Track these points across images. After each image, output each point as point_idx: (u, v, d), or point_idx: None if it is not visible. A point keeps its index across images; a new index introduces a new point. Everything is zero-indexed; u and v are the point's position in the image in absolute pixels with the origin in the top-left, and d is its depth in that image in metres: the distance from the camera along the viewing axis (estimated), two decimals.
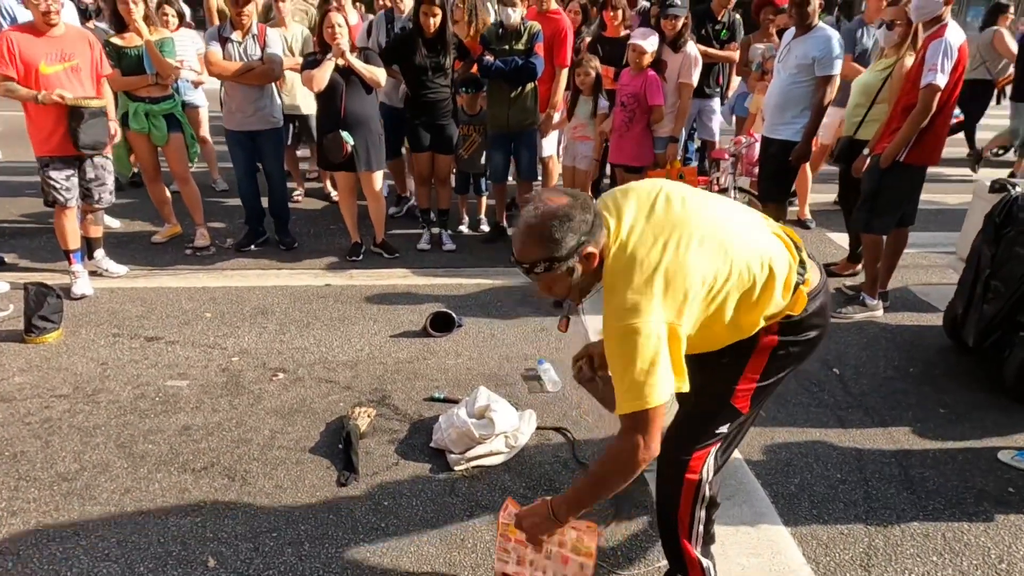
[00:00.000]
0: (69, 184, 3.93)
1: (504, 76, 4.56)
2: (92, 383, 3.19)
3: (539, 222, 1.57)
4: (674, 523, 1.90)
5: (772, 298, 1.66)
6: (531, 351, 3.57)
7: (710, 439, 1.82)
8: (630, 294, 1.53)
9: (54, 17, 3.69)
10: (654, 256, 1.54)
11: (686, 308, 1.55)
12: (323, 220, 5.55)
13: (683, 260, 1.54)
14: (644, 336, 1.51)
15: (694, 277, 1.55)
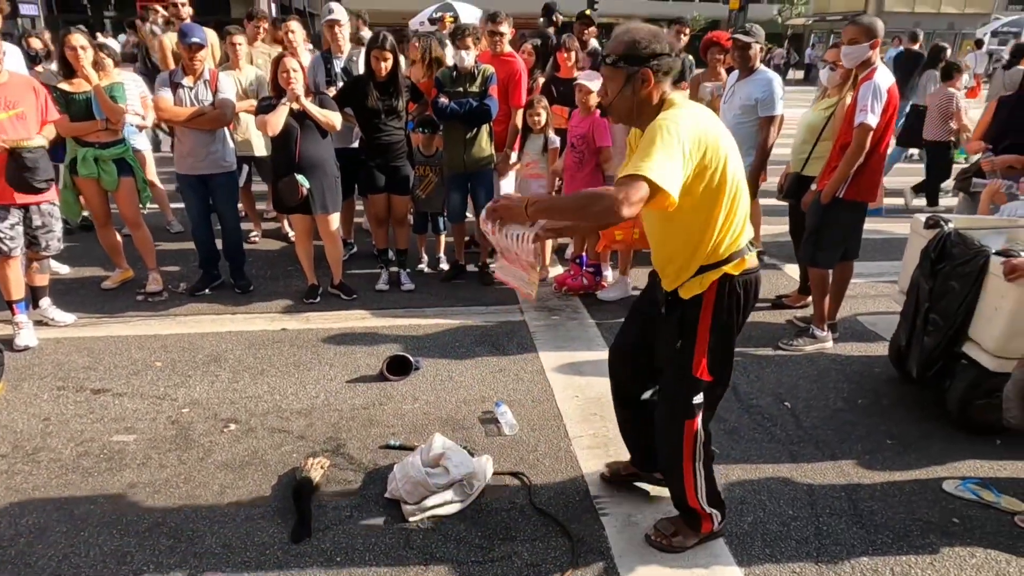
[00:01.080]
0: (14, 233, 3.84)
1: (459, 117, 4.61)
2: (33, 441, 3.08)
3: (642, 31, 2.01)
4: (680, 478, 2.36)
5: (731, 227, 2.09)
6: (489, 393, 3.56)
7: (693, 412, 2.27)
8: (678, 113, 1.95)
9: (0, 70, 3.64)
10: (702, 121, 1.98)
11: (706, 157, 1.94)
12: (280, 262, 5.50)
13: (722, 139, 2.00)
14: (673, 134, 1.87)
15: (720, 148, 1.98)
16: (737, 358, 3.90)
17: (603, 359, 3.85)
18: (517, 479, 2.87)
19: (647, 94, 2.02)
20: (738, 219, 2.11)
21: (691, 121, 1.94)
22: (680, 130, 1.88)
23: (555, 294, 4.92)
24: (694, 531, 2.47)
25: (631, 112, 2.08)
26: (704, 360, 2.22)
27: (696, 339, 2.20)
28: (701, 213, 2.05)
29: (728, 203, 2.05)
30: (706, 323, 2.19)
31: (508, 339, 4.20)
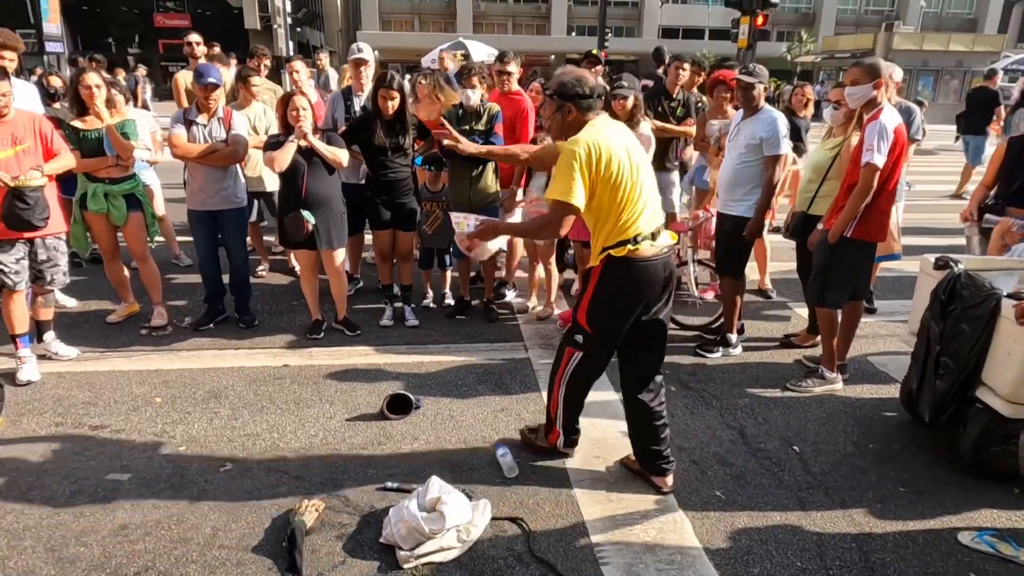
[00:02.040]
0: (18, 267, 3.87)
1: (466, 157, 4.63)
2: (27, 479, 3.04)
3: (574, 75, 2.74)
4: (550, 390, 3.11)
5: (622, 220, 2.68)
6: (490, 434, 3.50)
7: (573, 343, 2.96)
8: (585, 137, 2.62)
9: (4, 111, 3.71)
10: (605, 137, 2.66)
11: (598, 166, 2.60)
12: (285, 296, 5.50)
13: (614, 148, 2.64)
14: (577, 159, 2.58)
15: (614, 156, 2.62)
16: (744, 399, 3.87)
17: (607, 400, 3.84)
18: (516, 525, 2.79)
19: (572, 120, 2.76)
20: (627, 213, 2.69)
21: (590, 140, 2.62)
22: (581, 154, 2.59)
23: (560, 331, 4.87)
24: (546, 437, 3.24)
25: (561, 131, 2.81)
26: (586, 309, 2.88)
27: (586, 293, 2.88)
28: (602, 208, 2.69)
29: (616, 200, 2.66)
30: (593, 284, 2.85)
31: (511, 377, 4.14)
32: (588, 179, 2.60)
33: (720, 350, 4.52)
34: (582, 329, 2.91)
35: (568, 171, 2.59)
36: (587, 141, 2.60)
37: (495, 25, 45.69)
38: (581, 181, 2.59)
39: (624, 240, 2.69)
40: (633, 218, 2.69)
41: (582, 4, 45.41)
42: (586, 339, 2.92)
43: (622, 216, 2.68)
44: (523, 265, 5.73)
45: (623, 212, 2.67)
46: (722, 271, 4.54)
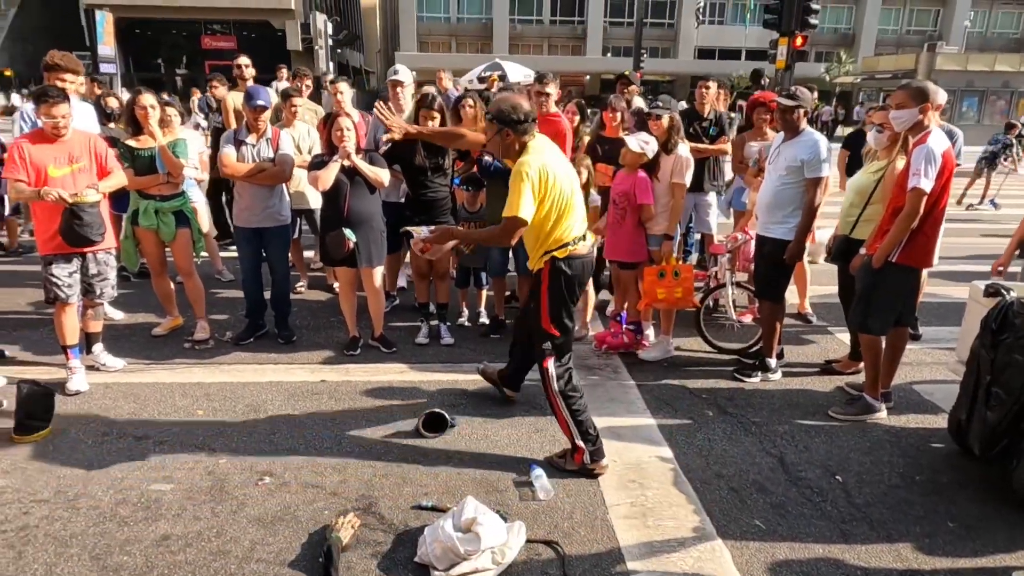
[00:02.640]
0: (71, 281, 4.01)
1: (502, 176, 4.67)
2: (74, 487, 3.13)
3: (510, 103, 3.12)
4: (555, 414, 3.34)
5: (562, 227, 3.13)
6: (524, 454, 3.48)
7: (544, 354, 3.26)
8: (531, 159, 3.03)
9: (63, 131, 3.88)
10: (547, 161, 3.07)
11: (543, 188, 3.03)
12: (323, 313, 5.59)
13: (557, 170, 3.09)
14: (527, 179, 2.98)
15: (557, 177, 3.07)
16: (783, 426, 3.80)
17: (643, 424, 3.81)
18: (551, 548, 2.77)
19: (510, 143, 3.14)
20: (566, 221, 3.14)
21: (538, 164, 3.03)
22: (531, 172, 3.00)
23: (594, 352, 4.85)
24: (573, 459, 3.33)
25: (500, 151, 3.24)
26: (548, 315, 3.21)
27: (540, 301, 3.22)
28: (548, 219, 3.11)
29: (557, 212, 3.10)
30: (545, 290, 3.19)
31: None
32: (537, 197, 3.04)
33: (758, 374, 4.45)
34: (549, 335, 3.26)
35: (521, 190, 3.00)
36: (537, 166, 3.02)
37: (531, 46, 46.17)
38: (532, 199, 3.03)
39: (565, 243, 3.16)
40: (571, 224, 3.17)
41: (618, 25, 45.62)
42: (554, 342, 3.26)
43: (562, 223, 3.15)
44: None
45: (563, 220, 3.15)
46: (761, 294, 4.47)
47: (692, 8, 41.43)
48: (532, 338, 3.37)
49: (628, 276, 4.86)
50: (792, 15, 14.84)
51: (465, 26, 46.65)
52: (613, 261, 4.95)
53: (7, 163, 3.85)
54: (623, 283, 4.94)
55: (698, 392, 4.28)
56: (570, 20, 46.46)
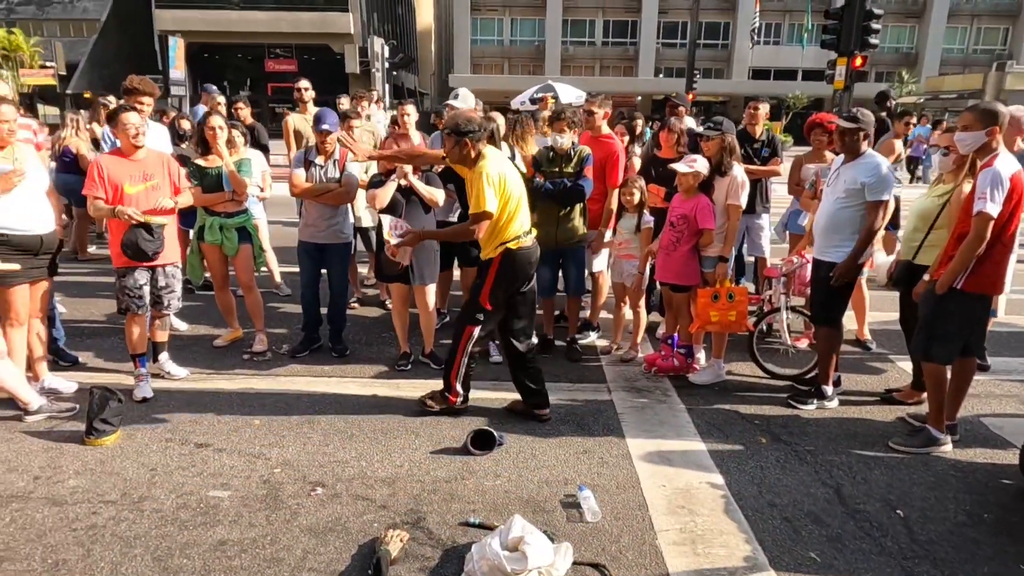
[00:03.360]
0: (142, 293, 4.21)
1: (552, 197, 4.73)
2: (139, 489, 3.27)
3: (464, 117, 3.72)
4: (451, 362, 3.97)
5: (514, 223, 3.76)
6: (572, 475, 3.47)
7: (475, 321, 3.88)
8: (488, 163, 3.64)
9: (141, 139, 4.11)
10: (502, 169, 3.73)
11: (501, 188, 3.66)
12: (376, 328, 5.70)
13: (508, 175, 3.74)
14: (488, 179, 3.60)
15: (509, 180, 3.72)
16: (840, 456, 3.69)
17: (694, 448, 3.75)
18: (598, 571, 2.74)
19: (467, 152, 3.68)
20: (517, 218, 3.77)
21: (496, 168, 3.66)
22: (491, 174, 3.62)
23: (644, 375, 4.80)
24: (444, 401, 4.05)
25: (458, 160, 3.76)
26: (489, 292, 3.84)
27: (486, 280, 3.84)
28: (503, 216, 3.71)
29: (510, 210, 3.73)
30: (494, 272, 3.82)
31: (594, 419, 4.11)
32: (498, 195, 3.62)
33: (814, 402, 4.33)
34: (483, 308, 3.86)
35: (484, 189, 3.58)
36: (496, 170, 3.66)
37: (582, 67, 46.45)
38: (494, 195, 3.61)
39: (517, 236, 3.77)
40: (519, 220, 3.79)
41: (670, 46, 45.52)
42: (485, 315, 3.88)
43: (514, 220, 3.76)
44: (608, 306, 5.72)
45: (514, 217, 3.75)
46: (818, 320, 4.36)
47: (746, 29, 41.05)
48: (463, 307, 4.07)
49: (680, 298, 4.81)
50: (851, 35, 14.54)
51: (518, 48, 47.30)
52: (665, 283, 4.92)
53: (87, 180, 4.10)
54: (675, 305, 4.89)
55: (750, 418, 4.19)
56: (622, 42, 46.59)
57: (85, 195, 4.11)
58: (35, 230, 3.95)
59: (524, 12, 46.33)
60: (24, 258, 3.88)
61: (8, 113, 3.82)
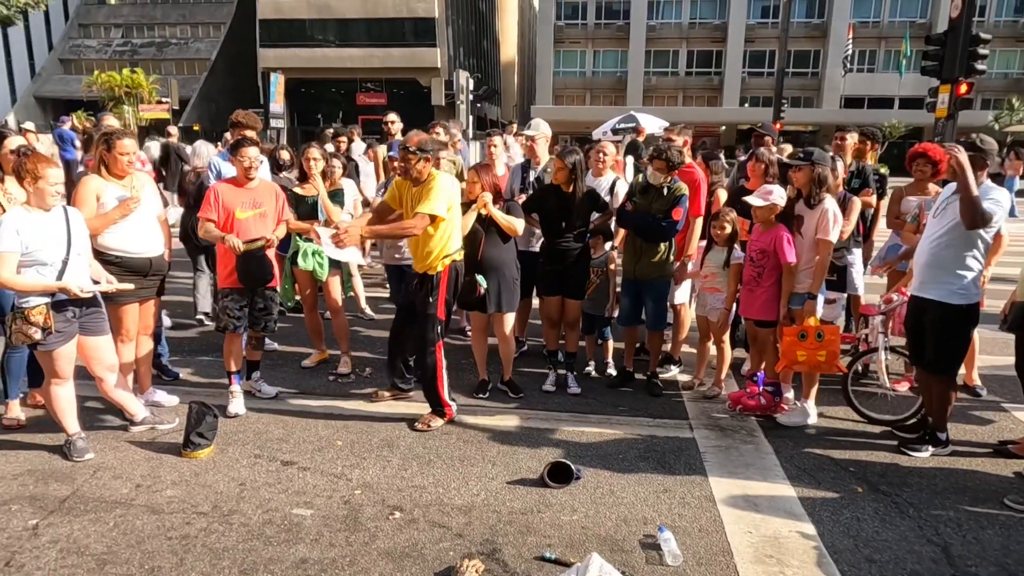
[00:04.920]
0: (241, 314, 4.44)
1: (636, 230, 4.69)
2: (229, 503, 3.41)
3: (423, 139, 4.15)
4: (434, 382, 4.30)
5: (455, 238, 4.25)
6: (651, 515, 3.36)
7: (439, 337, 4.28)
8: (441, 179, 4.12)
9: (253, 172, 4.37)
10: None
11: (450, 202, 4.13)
12: (454, 355, 5.74)
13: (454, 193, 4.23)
14: (440, 189, 4.05)
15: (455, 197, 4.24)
16: (948, 511, 3.41)
17: (783, 494, 3.56)
18: None
19: (422, 168, 4.10)
20: (457, 233, 4.26)
21: (449, 183, 4.17)
22: (442, 186, 4.09)
23: (729, 413, 4.62)
24: (442, 416, 4.35)
25: (418, 174, 4.11)
26: (443, 304, 4.25)
27: (438, 295, 4.20)
28: (448, 228, 4.17)
29: (453, 225, 4.20)
30: (443, 285, 4.21)
31: (675, 457, 3.98)
32: (447, 204, 4.09)
33: (929, 449, 4.01)
34: (440, 322, 4.27)
35: (439, 195, 4.04)
36: (448, 184, 4.16)
37: (665, 97, 46.20)
38: (445, 204, 4.06)
39: (457, 249, 4.27)
40: (458, 236, 4.28)
41: (757, 75, 44.64)
42: (442, 327, 4.31)
43: (455, 235, 4.24)
44: (691, 340, 5.57)
45: (455, 232, 4.24)
46: (936, 368, 4.04)
47: (839, 56, 39.72)
48: (422, 330, 4.29)
49: (766, 334, 4.62)
50: (955, 61, 13.77)
51: (600, 80, 47.64)
52: (748, 319, 4.74)
53: (203, 203, 4.39)
54: (760, 341, 4.71)
55: (844, 464, 3.95)
56: (706, 71, 46.10)
57: (199, 217, 4.40)
58: (146, 253, 4.25)
59: (607, 44, 46.72)
60: (135, 279, 4.17)
61: (129, 146, 4.16)
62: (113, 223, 4.06)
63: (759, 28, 44.27)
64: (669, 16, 45.80)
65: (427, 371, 4.29)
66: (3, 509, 3.31)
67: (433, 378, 4.28)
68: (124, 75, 41.10)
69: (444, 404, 4.33)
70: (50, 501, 3.38)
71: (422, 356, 4.32)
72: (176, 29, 58.73)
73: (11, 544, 3.03)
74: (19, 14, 30.43)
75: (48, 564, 2.90)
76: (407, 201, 4.21)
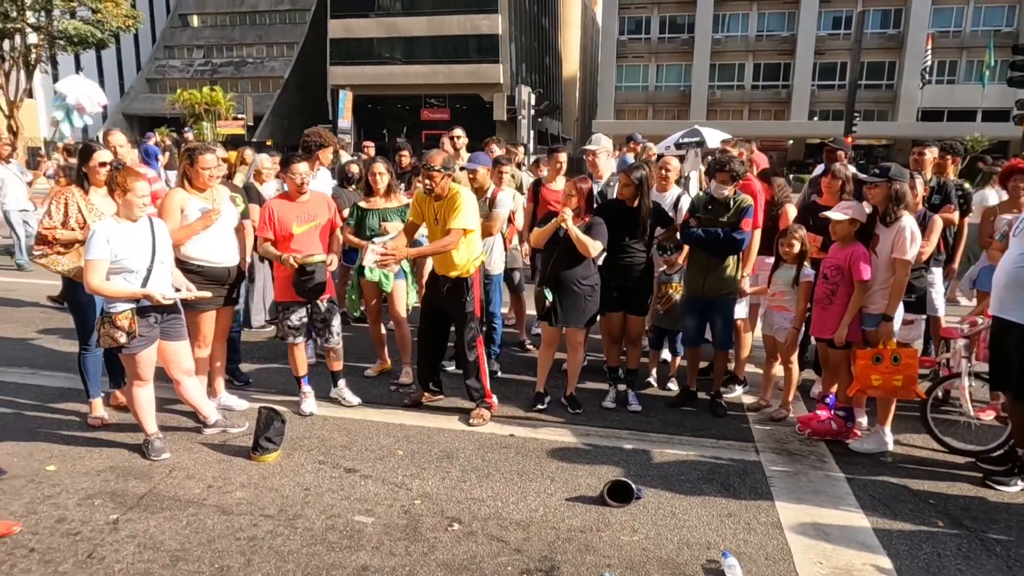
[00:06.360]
0: (299, 324, 4.60)
1: (702, 245, 4.60)
2: (294, 507, 3.50)
3: (443, 157, 4.37)
4: (478, 376, 4.63)
5: (479, 245, 4.59)
6: (715, 539, 3.26)
7: (477, 334, 4.60)
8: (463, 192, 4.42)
9: (306, 187, 4.54)
10: None
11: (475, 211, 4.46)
12: (512, 367, 5.78)
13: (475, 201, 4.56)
14: (466, 203, 4.35)
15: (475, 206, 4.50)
16: None
17: (856, 524, 3.41)
18: None
19: (445, 184, 4.36)
20: (479, 240, 4.57)
21: (469, 196, 4.42)
22: (467, 200, 4.36)
23: (797, 436, 4.45)
24: (488, 409, 4.63)
25: (440, 189, 4.36)
26: (479, 304, 4.61)
27: (471, 295, 4.51)
28: (476, 235, 4.46)
29: (478, 234, 4.51)
30: (477, 286, 4.57)
31: (740, 481, 3.86)
32: (474, 216, 4.38)
33: (1018, 483, 3.77)
34: (477, 318, 4.61)
35: (468, 210, 4.32)
36: (470, 197, 4.42)
37: (730, 111, 45.38)
38: (473, 216, 4.36)
39: (481, 253, 4.62)
40: (480, 241, 4.60)
41: (827, 88, 43.33)
42: (477, 321, 4.60)
43: (479, 240, 4.55)
44: (754, 359, 5.41)
45: (478, 238, 4.54)
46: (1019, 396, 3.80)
47: (915, 68, 38.20)
48: (461, 329, 4.55)
49: (838, 356, 4.43)
50: None
51: (663, 94, 47.23)
52: (819, 339, 4.57)
53: (259, 222, 4.58)
54: (832, 363, 4.52)
55: (923, 496, 3.74)
56: (773, 84, 45.08)
57: (257, 236, 4.59)
58: (225, 263, 4.45)
59: (670, 58, 46.33)
60: (213, 287, 4.36)
61: (211, 161, 4.37)
62: (196, 234, 4.27)
63: (830, 40, 43.04)
64: (735, 29, 45.07)
65: (471, 366, 4.56)
66: (88, 503, 3.49)
67: (477, 371, 4.58)
68: (204, 93, 43.37)
69: (488, 395, 4.64)
70: (129, 497, 3.55)
71: (464, 352, 4.56)
72: (253, 49, 61.69)
73: (94, 536, 3.20)
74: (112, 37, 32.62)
75: (126, 558, 3.04)
76: (430, 215, 4.48)
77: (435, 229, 4.47)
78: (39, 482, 3.69)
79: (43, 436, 4.26)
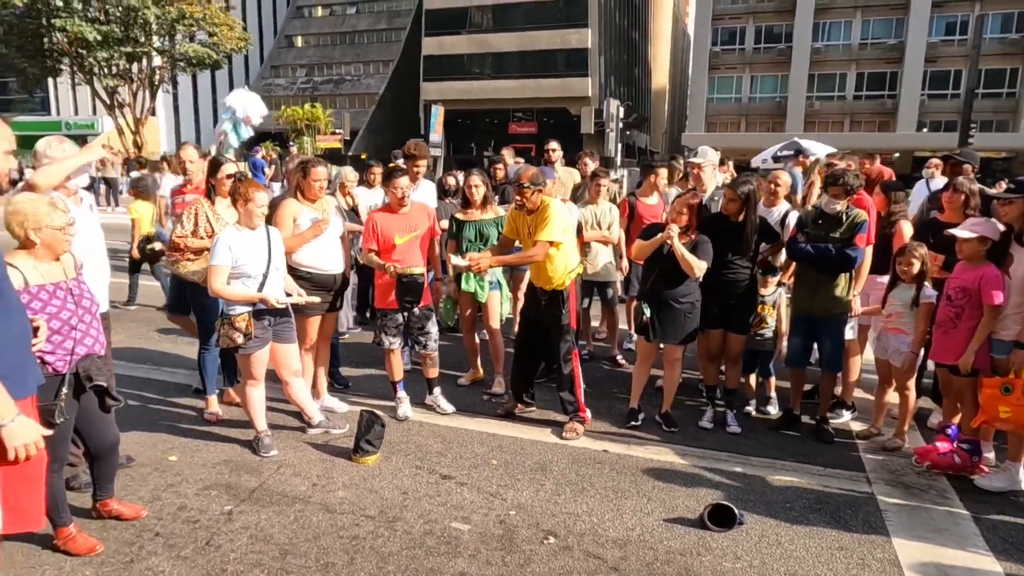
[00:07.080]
0: (396, 331, 4.73)
1: (811, 261, 4.39)
2: (393, 510, 3.58)
3: (532, 173, 4.44)
4: (573, 388, 4.61)
5: (574, 258, 4.59)
6: (825, 573, 3.09)
7: (573, 347, 4.60)
8: (555, 205, 4.44)
9: (406, 200, 4.67)
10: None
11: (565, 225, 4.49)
12: (605, 382, 5.71)
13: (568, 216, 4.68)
14: (556, 216, 4.37)
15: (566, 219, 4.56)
16: None
17: (983, 568, 3.17)
18: None
19: (536, 199, 4.39)
20: (575, 251, 4.65)
21: (560, 209, 4.45)
22: (557, 213, 4.37)
23: (914, 468, 4.16)
24: (581, 423, 4.61)
25: (532, 206, 4.41)
26: (575, 315, 4.62)
27: (567, 308, 4.50)
28: (569, 247, 4.52)
29: (572, 244, 4.59)
30: (572, 298, 4.58)
31: (851, 513, 3.64)
32: (563, 229, 4.40)
33: None
34: (571, 330, 4.57)
35: (556, 223, 4.33)
36: (561, 209, 4.49)
37: (829, 123, 43.36)
38: (562, 228, 4.37)
39: (577, 265, 4.61)
40: (576, 253, 4.67)
41: (939, 98, 40.63)
42: (573, 334, 4.59)
43: (573, 253, 4.60)
44: (866, 384, 5.10)
45: (573, 250, 4.60)
46: None
47: None
48: (555, 340, 4.56)
49: (963, 384, 4.11)
50: None
51: (756, 105, 45.75)
52: (941, 364, 4.26)
53: (364, 234, 4.76)
54: (955, 391, 4.20)
55: None
56: (878, 94, 42.72)
57: (362, 248, 4.77)
58: (332, 270, 4.65)
59: (766, 68, 44.84)
60: (321, 293, 4.56)
61: (321, 173, 4.59)
62: (307, 242, 4.48)
63: (943, 46, 40.38)
64: (836, 37, 43.11)
65: (565, 378, 4.57)
66: (205, 493, 3.72)
67: (572, 384, 4.57)
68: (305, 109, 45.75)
69: (582, 408, 4.63)
70: (242, 490, 3.75)
71: (560, 364, 4.57)
72: (351, 67, 64.63)
73: (211, 525, 3.39)
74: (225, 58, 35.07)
75: (240, 548, 3.21)
76: (523, 230, 4.52)
77: (527, 243, 4.51)
78: (162, 471, 3.96)
79: (165, 428, 4.57)
